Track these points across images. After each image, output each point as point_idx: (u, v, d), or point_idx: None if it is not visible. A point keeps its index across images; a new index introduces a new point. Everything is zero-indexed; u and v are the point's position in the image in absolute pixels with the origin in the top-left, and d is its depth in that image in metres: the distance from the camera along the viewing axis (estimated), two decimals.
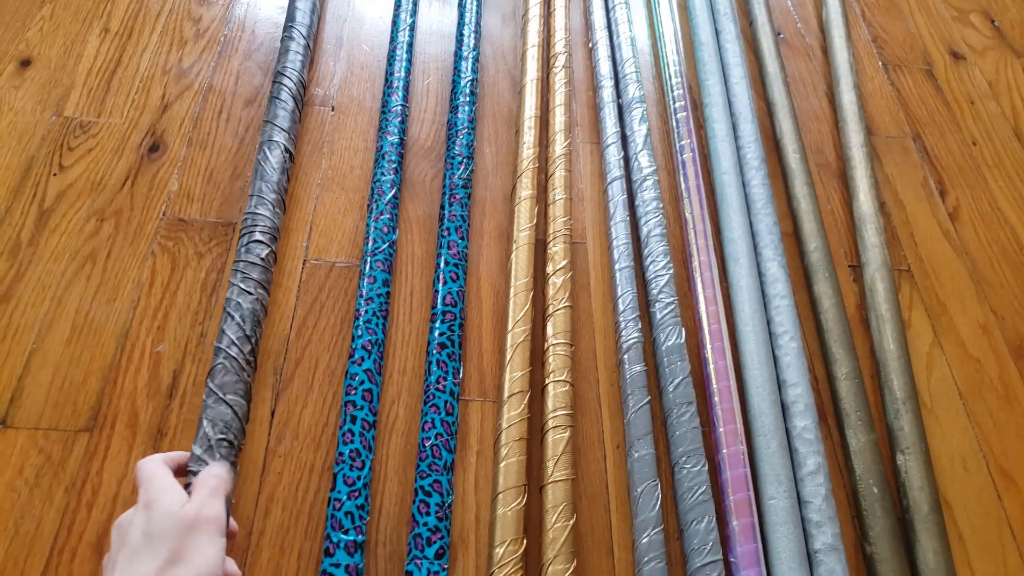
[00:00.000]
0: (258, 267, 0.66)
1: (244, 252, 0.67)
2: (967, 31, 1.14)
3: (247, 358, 0.60)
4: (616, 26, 1.00)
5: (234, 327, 0.61)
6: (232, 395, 0.57)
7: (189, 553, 0.39)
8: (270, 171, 0.73)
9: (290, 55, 0.85)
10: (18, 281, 0.69)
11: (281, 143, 0.76)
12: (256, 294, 0.64)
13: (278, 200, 0.72)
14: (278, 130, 0.77)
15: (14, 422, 0.61)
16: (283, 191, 0.74)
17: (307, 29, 0.89)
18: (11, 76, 0.83)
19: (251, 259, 0.66)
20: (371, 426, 0.63)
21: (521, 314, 0.70)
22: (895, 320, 0.75)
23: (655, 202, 0.80)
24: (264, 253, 0.67)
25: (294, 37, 0.87)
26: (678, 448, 0.64)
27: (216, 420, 0.55)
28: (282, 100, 0.80)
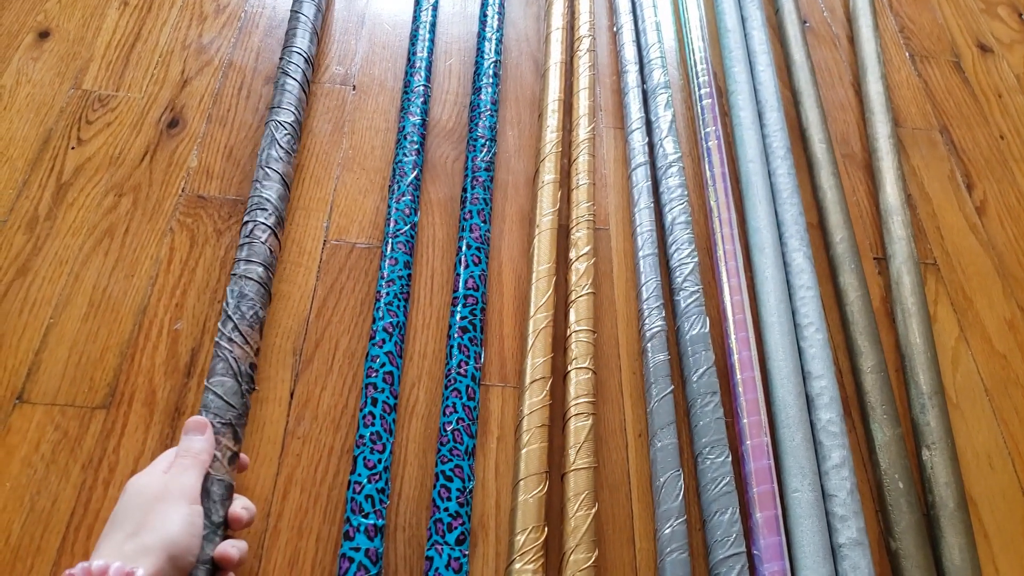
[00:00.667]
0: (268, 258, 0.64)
1: (251, 236, 0.65)
2: (995, 24, 1.12)
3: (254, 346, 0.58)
4: (641, 11, 0.98)
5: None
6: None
7: (154, 520, 0.42)
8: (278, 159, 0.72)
9: (298, 38, 0.83)
10: (35, 255, 0.68)
11: (287, 124, 0.75)
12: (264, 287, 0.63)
13: (285, 192, 0.71)
14: (283, 111, 0.75)
15: (31, 397, 0.60)
16: (289, 181, 0.73)
17: (315, 10, 0.87)
18: (29, 47, 0.82)
19: (259, 247, 0.64)
20: (392, 409, 0.62)
21: (543, 299, 0.69)
22: (921, 314, 0.74)
23: (680, 189, 0.79)
24: (273, 244, 0.66)
25: (302, 21, 0.85)
26: (701, 438, 0.63)
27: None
28: (289, 79, 0.78)
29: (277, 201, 0.68)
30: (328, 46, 0.90)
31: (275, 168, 0.70)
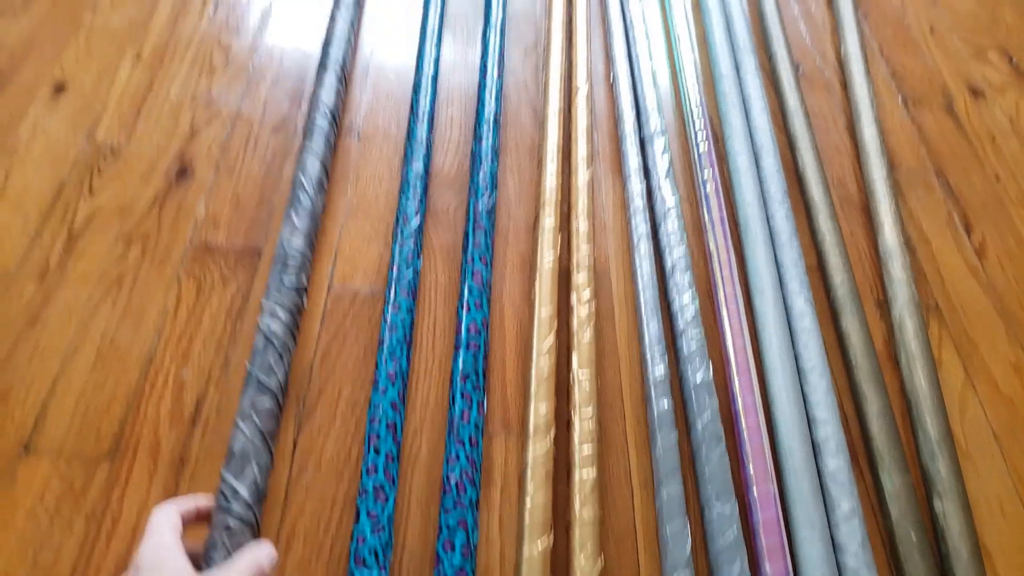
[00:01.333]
0: (296, 303, 0.67)
1: (280, 285, 0.67)
2: (985, 68, 1.14)
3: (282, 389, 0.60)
4: (637, 59, 1.01)
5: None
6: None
7: None
8: (306, 201, 0.74)
9: (325, 87, 0.86)
10: (46, 305, 0.69)
11: (317, 173, 0.77)
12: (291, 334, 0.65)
13: (312, 241, 0.74)
14: (313, 159, 0.78)
15: (37, 448, 0.60)
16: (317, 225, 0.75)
17: (341, 64, 0.90)
18: (46, 101, 0.84)
19: (288, 295, 0.67)
20: (395, 458, 0.63)
21: (546, 345, 0.70)
22: (925, 358, 0.74)
23: (679, 233, 0.80)
24: (299, 285, 0.68)
25: (329, 69, 0.88)
26: (708, 486, 0.63)
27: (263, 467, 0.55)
28: (318, 130, 0.81)
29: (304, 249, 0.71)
30: (349, 99, 0.92)
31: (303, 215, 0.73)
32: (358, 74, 0.95)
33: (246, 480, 0.54)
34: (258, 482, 0.54)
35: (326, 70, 0.88)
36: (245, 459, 0.55)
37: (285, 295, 0.67)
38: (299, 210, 0.73)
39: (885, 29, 1.17)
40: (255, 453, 0.56)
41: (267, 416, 0.59)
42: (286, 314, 0.65)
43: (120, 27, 0.94)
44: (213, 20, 0.98)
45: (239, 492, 0.52)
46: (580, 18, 1.05)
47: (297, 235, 0.71)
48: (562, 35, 1.02)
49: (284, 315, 0.65)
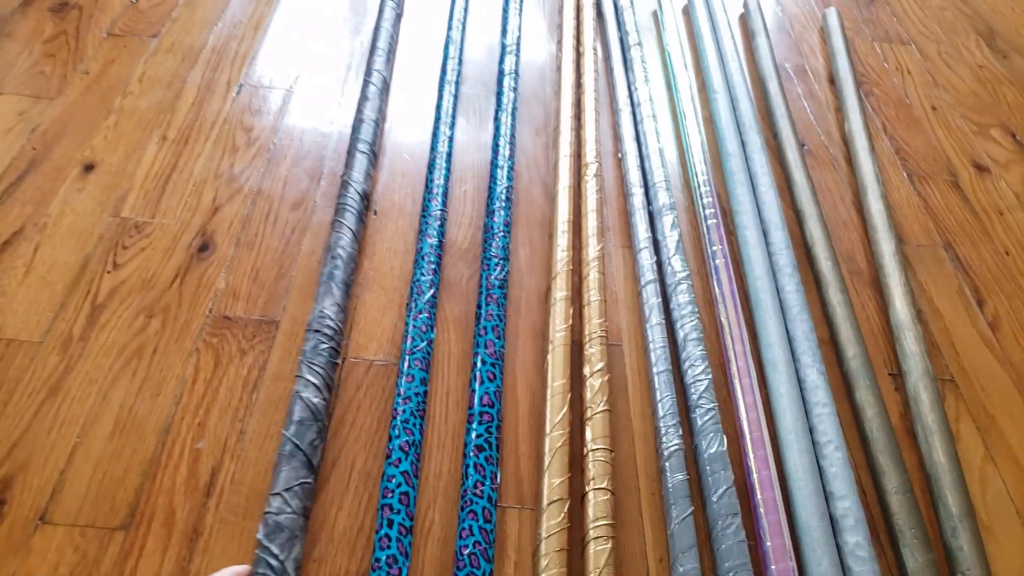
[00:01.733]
0: (322, 377, 0.69)
1: (312, 354, 0.70)
2: (989, 145, 1.17)
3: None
4: (644, 137, 1.04)
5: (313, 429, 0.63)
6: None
7: None
8: (339, 275, 0.78)
9: (355, 165, 0.90)
10: (67, 375, 0.70)
11: (347, 247, 0.81)
12: (320, 399, 0.67)
13: (344, 308, 0.77)
14: (343, 235, 0.82)
15: (53, 518, 0.61)
16: (347, 299, 0.79)
17: (371, 144, 0.95)
18: (75, 179, 0.88)
19: (320, 361, 0.70)
20: (408, 531, 0.62)
21: (559, 417, 0.70)
22: (943, 431, 0.73)
23: (690, 306, 0.81)
24: (333, 360, 0.72)
25: (361, 150, 0.92)
26: (724, 563, 0.61)
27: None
28: (349, 206, 0.85)
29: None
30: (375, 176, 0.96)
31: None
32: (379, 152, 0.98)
33: (292, 554, 0.55)
34: (299, 558, 0.56)
35: (356, 150, 0.93)
36: (292, 535, 0.56)
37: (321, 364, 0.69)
38: (335, 281, 0.76)
39: (888, 108, 1.21)
40: (299, 528, 0.57)
41: (305, 493, 0.60)
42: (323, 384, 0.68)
43: (148, 110, 0.99)
44: (236, 102, 1.02)
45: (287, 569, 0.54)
46: (588, 99, 1.09)
47: (333, 306, 0.75)
48: (571, 115, 1.06)
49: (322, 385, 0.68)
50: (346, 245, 0.81)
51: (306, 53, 1.13)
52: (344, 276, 0.79)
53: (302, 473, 0.62)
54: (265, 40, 1.14)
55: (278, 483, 0.60)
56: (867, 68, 1.28)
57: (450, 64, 1.12)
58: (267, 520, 0.58)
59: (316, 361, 0.70)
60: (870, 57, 1.31)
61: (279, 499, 0.59)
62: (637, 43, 1.20)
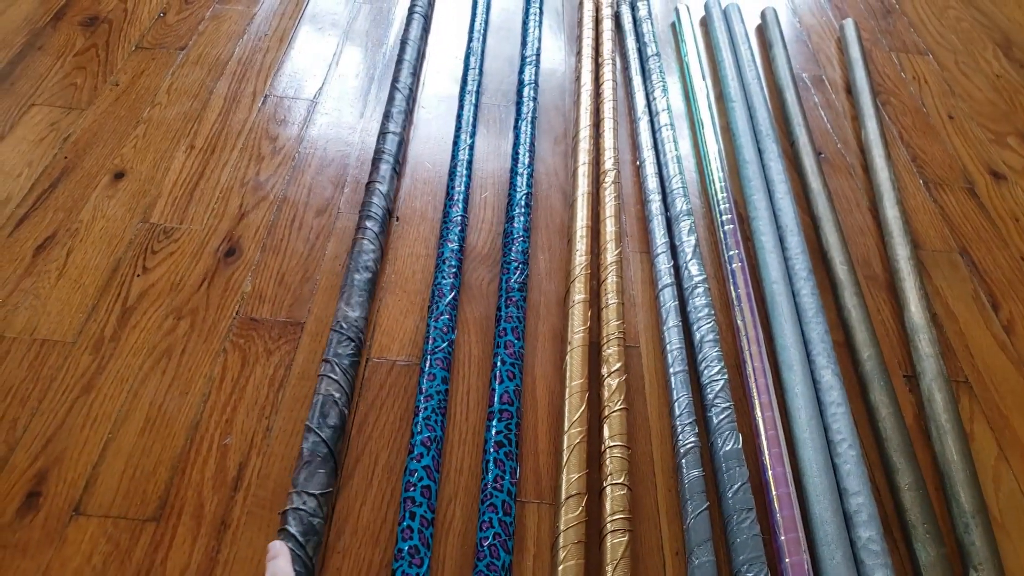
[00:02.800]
0: (353, 371, 0.72)
1: (343, 359, 0.73)
2: (1005, 153, 1.17)
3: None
4: (662, 145, 1.06)
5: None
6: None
7: None
8: (359, 280, 0.81)
9: (382, 175, 0.94)
10: (99, 374, 0.72)
11: (374, 254, 0.84)
12: (348, 409, 0.70)
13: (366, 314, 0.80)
14: (371, 243, 0.85)
15: (87, 509, 0.63)
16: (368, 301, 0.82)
17: (396, 154, 0.98)
18: (106, 187, 0.91)
19: (350, 368, 0.73)
20: (429, 523, 0.64)
21: (577, 415, 0.71)
22: (957, 431, 0.74)
23: (706, 309, 0.82)
24: (355, 370, 0.75)
25: (384, 159, 0.95)
26: (739, 556, 0.62)
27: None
28: (374, 214, 0.87)
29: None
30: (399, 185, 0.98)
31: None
32: (403, 162, 1.01)
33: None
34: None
35: (381, 161, 0.95)
36: (319, 540, 0.60)
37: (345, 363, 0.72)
38: (358, 286, 0.79)
39: (904, 117, 1.21)
40: (323, 534, 0.61)
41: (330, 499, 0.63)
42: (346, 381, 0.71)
43: (176, 120, 1.02)
44: (262, 113, 1.05)
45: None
46: (607, 108, 1.11)
47: (356, 309, 0.77)
48: (590, 124, 1.08)
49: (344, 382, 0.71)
50: (372, 252, 0.84)
51: (330, 65, 1.16)
52: (368, 281, 0.81)
53: (332, 479, 0.64)
54: (290, 52, 1.17)
55: (311, 484, 0.62)
56: (884, 78, 1.29)
57: (471, 75, 1.15)
58: (301, 518, 0.59)
59: (344, 366, 0.72)
60: (887, 67, 1.32)
61: (314, 500, 0.61)
62: (655, 54, 1.22)
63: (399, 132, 1.01)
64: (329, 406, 0.68)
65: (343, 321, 0.76)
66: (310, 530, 0.59)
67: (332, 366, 0.72)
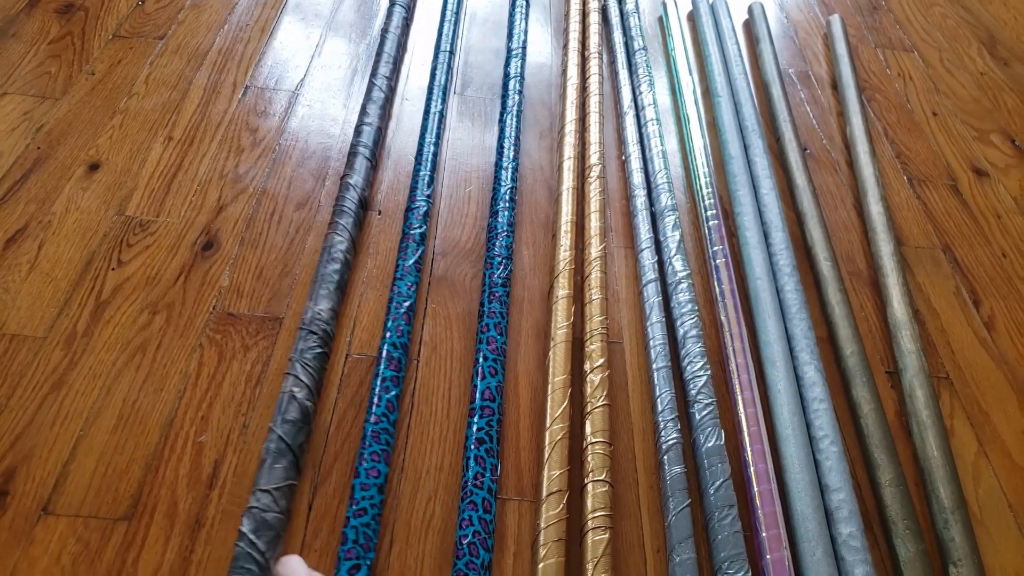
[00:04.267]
0: (315, 379, 0.70)
1: (306, 354, 0.70)
2: (988, 150, 1.18)
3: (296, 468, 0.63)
4: (648, 140, 1.05)
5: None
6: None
7: None
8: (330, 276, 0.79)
9: (356, 168, 0.91)
10: (71, 370, 0.71)
11: (344, 250, 0.82)
12: (311, 402, 0.67)
13: (336, 310, 0.78)
14: (341, 237, 0.82)
15: (56, 509, 0.61)
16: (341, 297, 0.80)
17: (372, 147, 0.96)
18: (80, 179, 0.89)
19: (314, 363, 0.70)
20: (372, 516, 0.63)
21: (559, 411, 0.70)
22: (937, 427, 0.74)
23: (690, 305, 0.82)
24: (323, 364, 0.72)
25: (360, 153, 0.93)
26: (720, 553, 0.62)
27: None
28: (347, 208, 0.85)
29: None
30: (377, 176, 0.96)
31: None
32: (380, 154, 0.99)
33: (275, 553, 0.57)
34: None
35: (357, 155, 0.93)
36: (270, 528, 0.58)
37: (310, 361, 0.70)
38: (328, 281, 0.78)
39: (889, 113, 1.22)
40: (283, 529, 0.60)
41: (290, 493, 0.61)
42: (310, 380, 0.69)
43: (153, 110, 1.00)
44: (242, 104, 1.03)
45: None
46: (593, 103, 1.10)
47: (321, 302, 0.75)
48: (575, 118, 1.07)
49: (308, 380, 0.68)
50: (342, 247, 0.82)
51: (312, 56, 1.14)
52: (340, 277, 0.80)
53: (291, 473, 0.62)
54: (272, 43, 1.15)
55: (264, 480, 0.61)
56: (870, 74, 1.29)
57: (439, 69, 1.13)
58: (254, 515, 0.58)
59: (307, 360, 0.70)
60: (873, 63, 1.32)
61: (268, 496, 0.59)
62: (642, 48, 1.21)
63: (377, 124, 0.99)
64: (287, 402, 0.67)
65: (307, 315, 0.75)
66: (262, 525, 0.57)
67: (293, 363, 0.70)
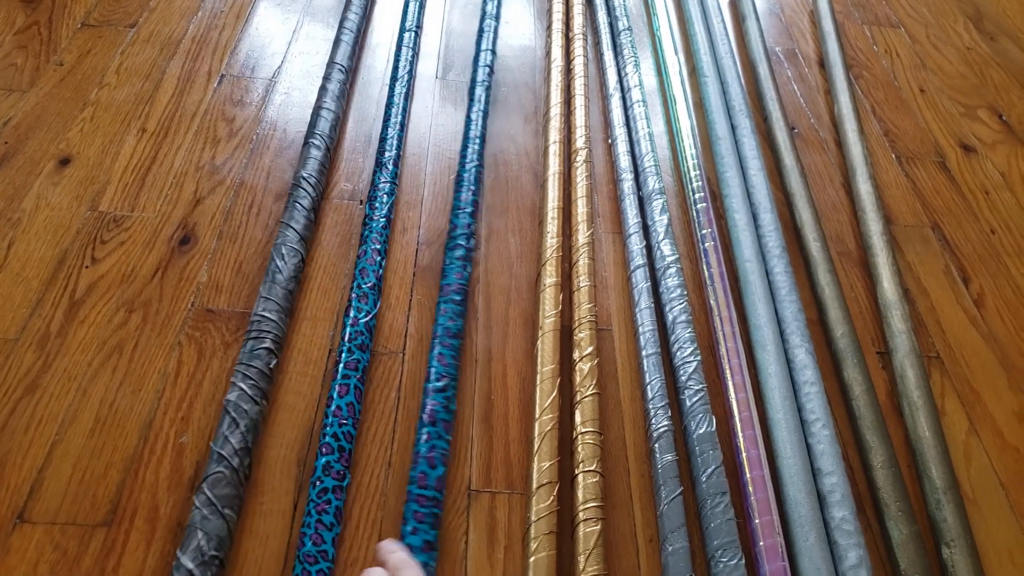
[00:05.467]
0: (266, 377, 0.68)
1: (250, 356, 0.68)
2: (976, 126, 1.17)
3: (246, 472, 0.61)
4: (634, 122, 1.03)
5: (238, 436, 0.61)
6: (229, 510, 0.58)
7: None
8: (282, 276, 0.76)
9: (310, 162, 0.88)
10: (44, 372, 0.69)
11: (296, 248, 0.79)
12: (260, 405, 0.65)
13: (287, 307, 0.75)
14: (293, 233, 0.80)
15: (32, 516, 0.60)
16: (292, 298, 0.77)
17: (328, 138, 0.93)
18: (50, 174, 0.86)
19: (259, 366, 0.67)
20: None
21: (548, 401, 0.69)
22: (928, 407, 0.73)
23: (679, 289, 0.80)
24: (272, 364, 0.70)
25: (316, 145, 0.90)
26: (713, 541, 0.61)
27: (212, 535, 0.55)
28: (300, 205, 0.83)
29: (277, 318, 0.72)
30: (337, 164, 0.94)
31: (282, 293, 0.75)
32: (360, 143, 0.97)
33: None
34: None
35: (309, 144, 0.91)
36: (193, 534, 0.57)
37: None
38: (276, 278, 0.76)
39: (877, 91, 1.20)
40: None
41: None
42: (260, 396, 0.67)
43: (126, 101, 0.97)
44: (217, 93, 1.01)
45: None
46: (578, 85, 1.08)
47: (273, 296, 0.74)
48: (560, 101, 1.05)
49: (259, 398, 0.67)
50: (292, 242, 0.80)
51: (289, 43, 1.11)
52: (287, 276, 0.77)
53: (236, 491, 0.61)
54: (248, 30, 1.12)
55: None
56: (857, 51, 1.28)
57: (404, 53, 1.10)
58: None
59: (253, 364, 0.69)
60: (860, 40, 1.31)
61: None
62: (627, 28, 1.19)
63: (333, 109, 0.97)
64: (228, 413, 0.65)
65: (263, 327, 0.72)
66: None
67: (251, 380, 0.68)
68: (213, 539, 0.56)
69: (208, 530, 0.56)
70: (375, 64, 1.10)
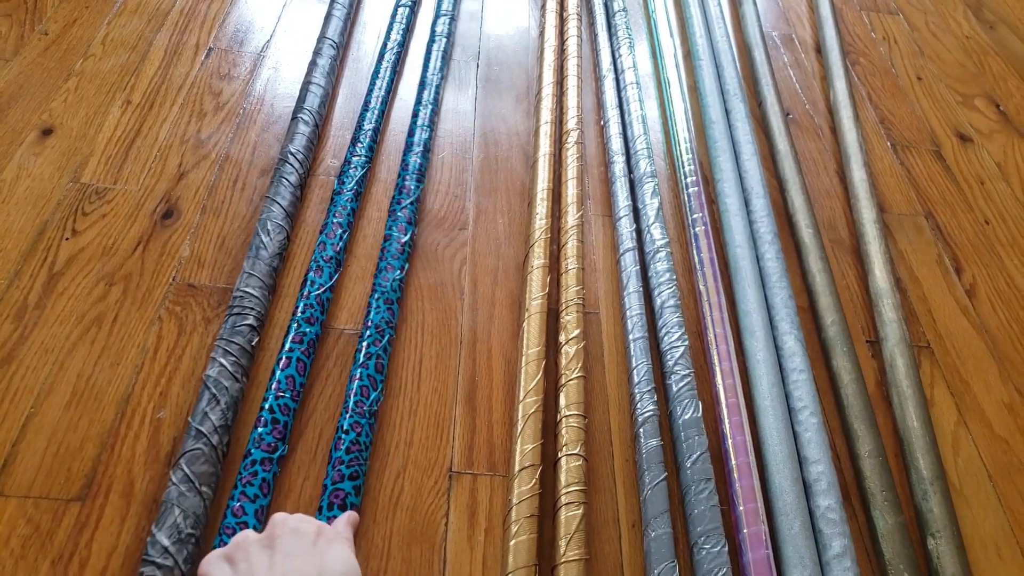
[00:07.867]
0: (247, 354, 0.66)
1: (232, 332, 0.67)
2: (973, 115, 1.16)
3: (224, 450, 0.60)
4: (627, 105, 1.02)
5: (218, 413, 0.60)
6: (207, 488, 0.57)
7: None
8: (267, 252, 0.75)
9: (298, 137, 0.86)
10: (21, 344, 0.67)
11: (281, 224, 0.78)
12: (241, 383, 0.64)
13: (270, 284, 0.74)
14: (279, 208, 0.78)
15: (4, 490, 0.58)
16: (276, 274, 0.76)
17: (316, 114, 0.91)
18: (32, 144, 0.85)
19: (240, 343, 0.66)
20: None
21: (533, 384, 0.68)
22: (917, 397, 0.73)
23: (668, 274, 0.79)
24: (254, 341, 0.69)
25: (304, 120, 0.89)
26: (696, 527, 0.60)
27: (189, 512, 0.54)
28: (286, 181, 0.81)
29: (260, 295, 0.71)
30: (325, 140, 0.93)
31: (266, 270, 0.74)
32: (348, 119, 0.96)
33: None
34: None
35: (297, 120, 0.90)
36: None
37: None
38: (260, 255, 0.75)
39: (873, 78, 1.19)
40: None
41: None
42: (242, 374, 0.66)
43: (111, 73, 0.95)
44: (205, 66, 0.99)
45: None
46: (571, 65, 1.07)
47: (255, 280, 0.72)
48: (553, 81, 1.03)
49: (240, 375, 0.66)
50: (278, 218, 0.78)
51: (278, 17, 1.09)
52: (271, 252, 0.76)
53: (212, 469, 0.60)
54: (236, 3, 1.10)
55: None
56: (854, 38, 1.27)
57: (395, 27, 1.08)
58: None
59: (235, 341, 0.67)
60: (857, 27, 1.29)
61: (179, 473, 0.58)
62: (622, 9, 1.17)
63: (322, 86, 0.95)
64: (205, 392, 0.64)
65: (247, 304, 0.71)
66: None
67: (232, 357, 0.67)
68: (190, 516, 0.55)
69: (185, 507, 0.55)
70: (365, 40, 1.08)
